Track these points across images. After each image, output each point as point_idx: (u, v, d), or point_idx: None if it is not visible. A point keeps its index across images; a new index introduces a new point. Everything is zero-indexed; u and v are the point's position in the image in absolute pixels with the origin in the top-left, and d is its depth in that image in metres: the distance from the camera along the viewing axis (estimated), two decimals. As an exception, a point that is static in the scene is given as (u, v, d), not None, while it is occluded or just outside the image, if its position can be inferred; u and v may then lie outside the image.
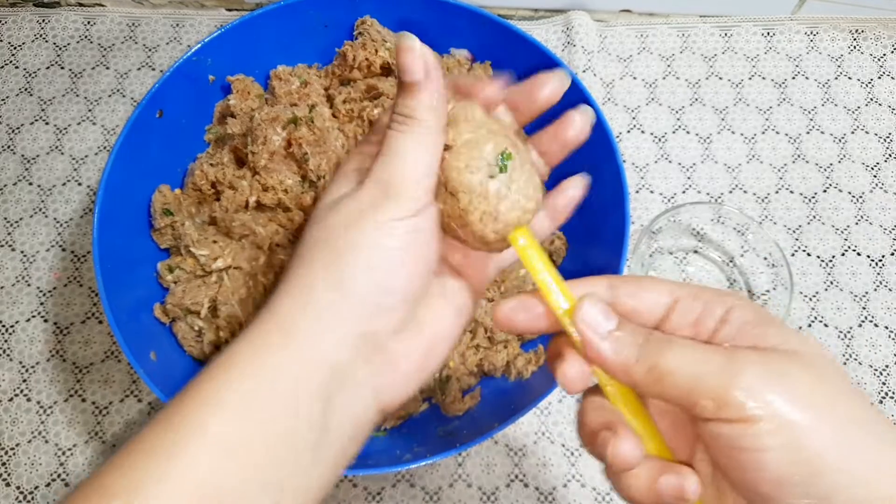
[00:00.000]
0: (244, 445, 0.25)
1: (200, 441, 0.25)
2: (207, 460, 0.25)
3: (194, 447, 0.25)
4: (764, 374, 0.24)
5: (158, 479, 0.24)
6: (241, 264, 0.50)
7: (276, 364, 0.26)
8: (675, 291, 0.28)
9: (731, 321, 0.26)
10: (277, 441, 0.26)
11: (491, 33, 0.54)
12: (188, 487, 0.24)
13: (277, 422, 0.26)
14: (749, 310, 0.26)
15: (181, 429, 0.25)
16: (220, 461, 0.25)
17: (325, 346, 0.27)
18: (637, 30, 0.67)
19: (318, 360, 0.27)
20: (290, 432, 0.26)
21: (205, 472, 0.24)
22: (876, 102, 0.64)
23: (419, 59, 0.27)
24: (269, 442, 0.26)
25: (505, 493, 0.52)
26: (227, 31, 0.52)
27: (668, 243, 0.59)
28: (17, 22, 0.67)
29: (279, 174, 0.51)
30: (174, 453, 0.24)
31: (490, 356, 0.51)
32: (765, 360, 0.24)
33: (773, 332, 0.25)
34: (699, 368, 0.25)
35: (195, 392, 0.26)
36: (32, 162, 0.62)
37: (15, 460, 0.53)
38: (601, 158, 0.50)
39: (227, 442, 0.25)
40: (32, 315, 0.57)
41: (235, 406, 0.26)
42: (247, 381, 0.26)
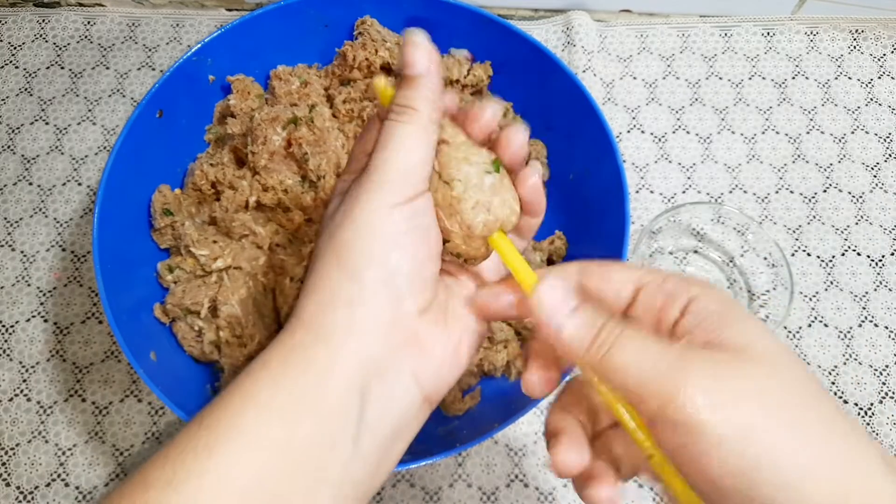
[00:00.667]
0: (281, 443, 0.25)
1: (239, 439, 0.25)
2: (247, 457, 0.25)
3: (233, 445, 0.25)
4: (709, 376, 0.24)
5: (199, 473, 0.24)
6: (241, 264, 0.50)
7: (308, 362, 0.26)
8: (641, 278, 0.28)
9: (691, 312, 0.26)
10: (314, 437, 0.26)
11: (491, 33, 0.54)
12: (227, 482, 0.24)
13: (314, 417, 0.26)
14: (711, 300, 0.26)
15: (219, 428, 0.25)
16: (259, 457, 0.25)
17: (353, 337, 0.27)
18: (637, 30, 0.67)
19: (349, 353, 0.27)
20: (327, 426, 0.26)
21: (244, 468, 0.25)
22: (876, 102, 0.64)
23: (424, 54, 0.28)
24: (306, 437, 0.26)
25: (505, 493, 0.52)
26: (227, 31, 0.52)
27: (668, 243, 0.59)
28: (17, 22, 0.67)
29: (279, 174, 0.51)
30: (214, 451, 0.25)
31: (490, 356, 0.51)
32: (712, 362, 0.24)
33: (731, 326, 0.25)
34: (647, 368, 0.25)
35: (229, 396, 0.26)
36: (32, 162, 0.62)
37: (15, 460, 0.53)
38: (601, 158, 0.50)
39: (264, 440, 0.25)
40: (32, 315, 0.57)
41: (270, 404, 0.26)
42: (280, 381, 0.26)
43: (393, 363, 0.27)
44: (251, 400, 0.26)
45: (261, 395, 0.26)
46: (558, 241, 0.55)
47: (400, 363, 0.28)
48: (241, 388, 0.27)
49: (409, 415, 0.28)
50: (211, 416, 0.26)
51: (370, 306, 0.27)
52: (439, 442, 0.47)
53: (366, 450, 0.27)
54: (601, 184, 0.51)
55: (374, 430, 0.27)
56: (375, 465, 0.27)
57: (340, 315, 0.27)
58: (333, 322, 0.27)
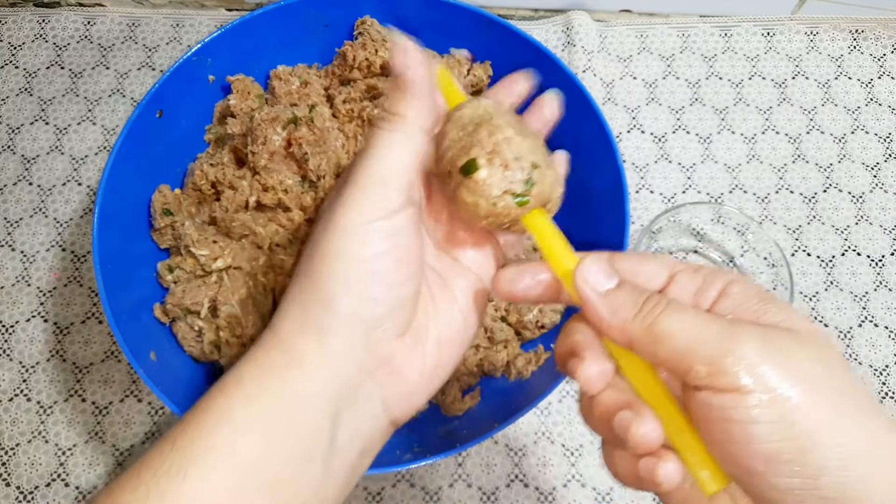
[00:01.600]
0: (255, 463, 0.25)
1: (212, 460, 0.25)
2: (221, 478, 0.25)
3: (207, 466, 0.25)
4: (761, 346, 0.23)
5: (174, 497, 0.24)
6: (241, 264, 0.50)
7: (282, 384, 0.26)
8: (675, 266, 0.28)
9: (731, 295, 0.26)
10: (288, 458, 0.26)
11: (491, 33, 0.54)
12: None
13: (287, 439, 0.26)
14: (750, 286, 0.26)
15: (192, 448, 0.25)
16: (231, 480, 0.25)
17: (327, 363, 0.27)
18: (637, 30, 0.67)
19: (323, 378, 0.27)
20: (300, 449, 0.26)
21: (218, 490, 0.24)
22: (876, 102, 0.64)
23: (413, 58, 0.28)
24: (279, 459, 0.26)
25: (505, 493, 0.52)
26: (227, 31, 0.52)
27: (668, 243, 0.59)
28: (17, 22, 0.67)
29: (279, 174, 0.51)
30: (188, 473, 0.24)
31: (490, 356, 0.51)
32: (763, 334, 0.24)
33: (775, 310, 0.25)
34: (696, 333, 0.24)
35: (202, 413, 0.26)
36: (32, 162, 0.62)
37: (15, 460, 0.53)
38: (601, 158, 0.50)
39: (238, 460, 0.25)
40: (32, 315, 0.57)
41: (244, 425, 0.26)
42: (255, 402, 0.26)
43: (364, 389, 0.27)
44: (225, 419, 0.26)
45: (235, 414, 0.26)
46: (558, 241, 0.55)
47: (371, 390, 0.28)
48: (214, 404, 0.26)
49: (375, 437, 0.28)
50: (184, 436, 0.25)
51: (343, 335, 0.27)
52: (439, 442, 0.47)
53: (336, 470, 0.27)
54: (601, 184, 0.50)
55: (344, 452, 0.27)
56: (343, 485, 0.28)
57: (313, 342, 0.27)
58: (306, 348, 0.27)
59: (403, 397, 0.29)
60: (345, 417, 0.27)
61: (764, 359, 0.23)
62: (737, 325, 0.24)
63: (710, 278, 0.27)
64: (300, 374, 0.27)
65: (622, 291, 0.26)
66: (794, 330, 0.24)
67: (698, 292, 0.27)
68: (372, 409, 0.28)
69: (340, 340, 0.27)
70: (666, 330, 0.25)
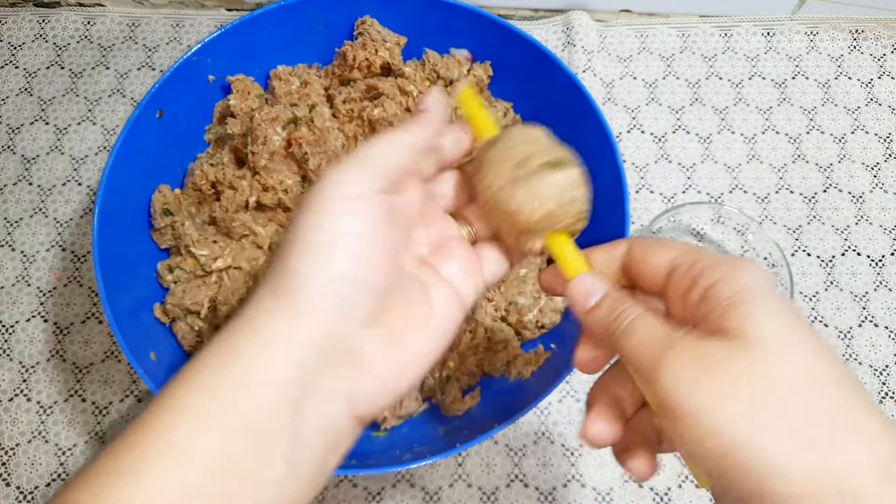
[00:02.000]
0: (215, 457, 0.24)
1: (171, 456, 0.24)
2: (179, 476, 0.23)
3: (164, 463, 0.24)
4: (688, 363, 0.24)
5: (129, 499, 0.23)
6: (241, 264, 0.50)
7: (246, 372, 0.26)
8: (676, 259, 0.28)
9: (707, 298, 0.26)
10: (248, 451, 0.25)
11: (491, 33, 0.54)
12: None
13: (246, 431, 0.25)
14: (728, 284, 0.25)
15: (147, 446, 0.24)
16: (193, 476, 0.24)
17: (287, 349, 0.26)
18: (637, 30, 0.67)
19: (283, 365, 0.26)
20: (260, 441, 0.25)
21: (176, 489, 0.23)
22: (876, 102, 0.64)
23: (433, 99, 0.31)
24: (239, 452, 0.25)
25: (505, 493, 0.52)
26: (227, 31, 0.52)
27: (668, 243, 0.59)
28: (17, 22, 0.67)
29: (279, 174, 0.51)
30: (143, 470, 0.23)
31: (490, 356, 0.51)
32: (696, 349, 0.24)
33: (738, 314, 0.25)
34: (641, 352, 0.26)
35: (163, 404, 0.25)
36: (32, 162, 0.62)
37: (15, 460, 0.53)
38: (601, 158, 0.50)
39: (195, 457, 0.24)
40: (32, 315, 0.57)
41: (205, 417, 0.25)
42: (212, 393, 0.25)
43: (327, 379, 0.26)
44: (184, 412, 0.25)
45: (190, 408, 0.25)
46: (558, 241, 0.55)
47: (334, 381, 0.27)
48: (172, 396, 0.25)
49: (341, 434, 0.27)
50: (141, 431, 0.25)
51: (307, 319, 0.26)
52: (439, 442, 0.47)
53: (300, 467, 0.26)
54: (601, 184, 0.50)
55: (308, 449, 0.26)
56: (309, 481, 0.27)
57: (280, 325, 0.26)
58: (273, 330, 0.26)
59: (368, 394, 0.28)
60: (307, 408, 0.26)
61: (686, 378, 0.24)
62: (671, 344, 0.25)
63: (698, 278, 0.27)
64: (264, 360, 0.26)
65: (600, 308, 0.29)
66: (742, 338, 0.24)
67: (686, 293, 0.27)
68: (336, 401, 0.27)
69: (308, 323, 0.26)
70: (624, 348, 0.27)
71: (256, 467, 0.25)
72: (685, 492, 0.52)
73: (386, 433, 0.50)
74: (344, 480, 0.52)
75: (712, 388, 0.23)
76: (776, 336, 0.24)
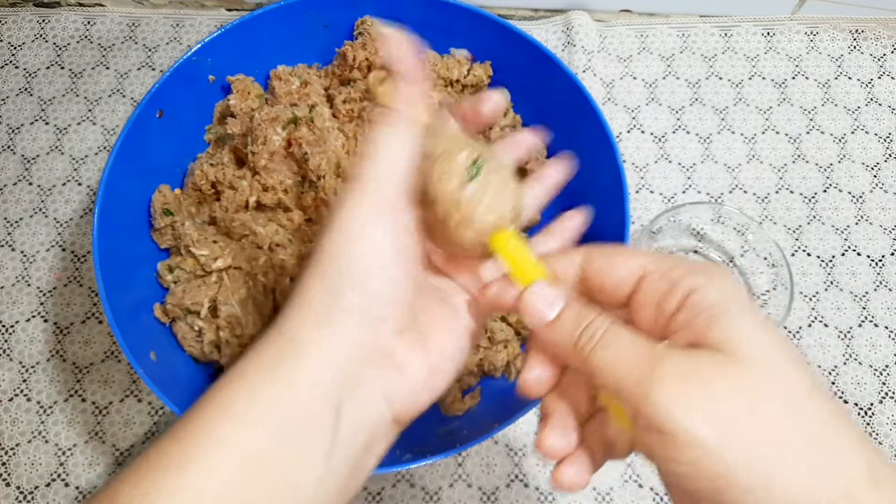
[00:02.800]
0: (256, 454, 0.25)
1: (213, 453, 0.25)
2: (221, 471, 0.24)
3: (207, 459, 0.24)
4: (680, 377, 0.23)
5: (172, 492, 0.24)
6: (241, 264, 0.50)
7: (285, 374, 0.26)
8: (645, 267, 0.27)
9: (686, 307, 0.25)
10: (289, 449, 0.26)
11: (491, 33, 0.54)
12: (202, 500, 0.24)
13: (288, 430, 0.26)
14: (710, 293, 0.24)
15: (192, 442, 0.25)
16: (236, 471, 0.24)
17: (329, 353, 0.27)
18: (637, 30, 0.67)
19: (325, 368, 0.27)
20: (302, 440, 0.26)
21: (219, 484, 0.24)
22: (876, 102, 0.64)
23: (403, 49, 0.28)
24: (280, 450, 0.25)
25: (505, 493, 0.52)
26: (227, 31, 0.52)
27: (668, 243, 0.59)
28: (17, 22, 0.67)
29: (279, 174, 0.51)
30: (187, 465, 0.24)
31: (490, 356, 0.51)
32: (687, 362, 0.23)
33: (720, 323, 0.24)
34: (623, 367, 0.24)
35: (204, 406, 0.26)
36: (32, 162, 0.62)
37: (15, 460, 0.53)
38: (601, 158, 0.50)
39: (240, 451, 0.25)
40: (32, 315, 0.57)
41: (247, 416, 0.26)
42: (257, 393, 0.26)
43: (365, 382, 0.27)
44: (227, 411, 0.26)
45: (237, 407, 0.26)
46: (558, 241, 0.55)
47: (372, 382, 0.28)
48: (216, 398, 0.26)
49: (378, 434, 0.28)
50: (184, 429, 0.25)
51: (347, 327, 0.27)
52: (439, 442, 0.47)
53: (338, 465, 0.27)
54: (601, 184, 0.50)
55: (346, 447, 0.27)
56: (346, 480, 0.27)
57: (317, 334, 0.27)
58: (310, 339, 0.27)
59: (406, 394, 0.28)
60: (347, 409, 0.27)
61: (681, 398, 0.23)
62: (657, 360, 0.24)
63: (675, 286, 0.25)
64: (303, 364, 0.27)
65: (562, 321, 0.27)
66: (727, 352, 0.23)
67: (661, 301, 0.26)
68: (375, 401, 0.28)
69: (344, 331, 0.27)
70: (597, 365, 0.25)
71: (297, 465, 0.26)
72: (685, 492, 0.52)
73: (386, 433, 0.50)
74: (344, 480, 0.52)
75: (710, 406, 0.22)
76: (765, 350, 0.23)
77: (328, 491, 0.26)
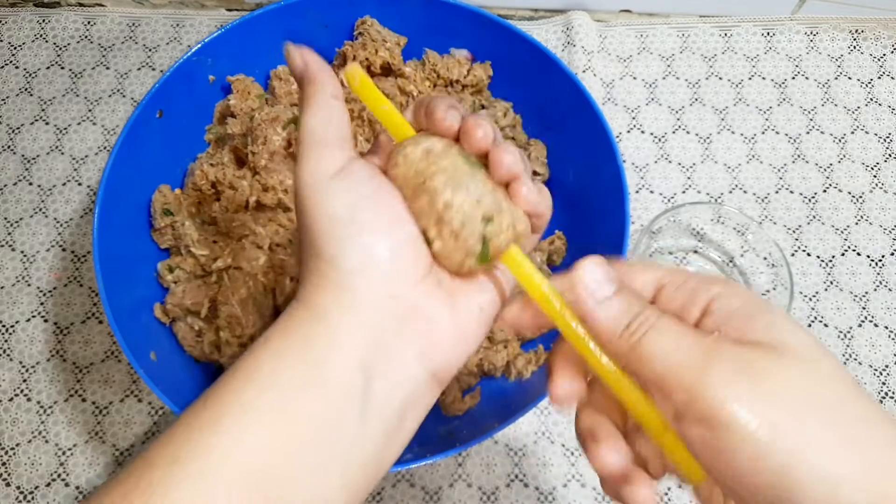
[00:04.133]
0: (286, 416, 0.25)
1: (243, 415, 0.25)
2: (251, 432, 0.24)
3: (237, 420, 0.25)
4: (739, 370, 0.23)
5: (204, 451, 0.24)
6: (241, 264, 0.50)
7: (308, 338, 0.26)
8: (662, 279, 0.27)
9: (713, 312, 0.25)
10: (319, 411, 0.25)
11: (491, 33, 0.54)
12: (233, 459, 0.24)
13: (317, 392, 0.26)
14: (735, 298, 0.25)
15: (222, 405, 0.25)
16: (264, 432, 0.25)
17: (348, 315, 0.27)
18: (637, 30, 0.67)
19: (346, 330, 0.26)
20: (331, 401, 0.26)
21: (250, 443, 0.24)
22: (876, 102, 0.64)
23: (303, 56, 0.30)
24: (311, 412, 0.25)
25: (505, 493, 0.52)
26: (227, 32, 0.52)
27: (668, 243, 0.59)
28: (17, 22, 0.67)
29: (279, 174, 0.51)
30: (218, 428, 0.24)
31: (490, 356, 0.51)
32: (743, 356, 0.23)
33: (761, 324, 0.24)
34: (677, 357, 0.24)
35: (232, 374, 0.26)
36: (32, 162, 0.62)
37: (15, 460, 0.53)
38: (601, 158, 0.50)
39: (269, 412, 0.25)
40: (32, 315, 0.57)
41: (273, 379, 0.26)
42: (282, 356, 0.26)
43: (395, 338, 0.27)
44: (253, 375, 0.26)
45: (262, 370, 0.26)
46: (558, 241, 0.55)
47: (402, 338, 0.27)
48: (243, 365, 0.26)
49: (416, 392, 0.27)
50: (214, 395, 0.26)
51: (357, 288, 0.27)
52: (439, 442, 0.47)
53: (372, 428, 0.26)
54: (601, 184, 0.51)
55: (380, 408, 0.26)
56: (383, 444, 0.27)
57: (331, 297, 0.27)
58: (327, 302, 0.27)
59: (439, 346, 0.28)
60: (378, 368, 0.26)
61: (739, 385, 0.22)
62: (713, 351, 0.23)
63: (694, 294, 0.26)
64: (325, 328, 0.26)
65: (616, 302, 0.26)
66: (777, 347, 0.23)
67: (682, 309, 0.26)
68: (408, 361, 0.27)
69: (357, 293, 0.27)
70: (648, 352, 0.24)
71: (327, 425, 0.25)
72: (685, 492, 0.52)
73: (386, 433, 0.50)
74: (344, 480, 0.52)
75: (771, 401, 0.22)
76: (806, 345, 0.24)
77: (362, 455, 0.26)
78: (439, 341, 0.28)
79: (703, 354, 0.23)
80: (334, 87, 0.29)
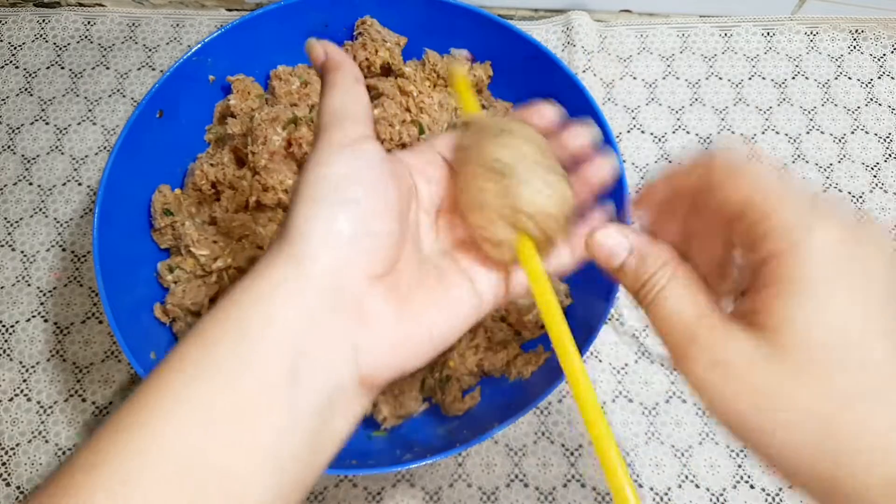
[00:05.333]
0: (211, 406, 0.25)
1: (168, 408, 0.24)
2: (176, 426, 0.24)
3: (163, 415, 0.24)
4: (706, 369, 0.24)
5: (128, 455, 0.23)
6: (242, 264, 0.50)
7: (242, 323, 0.26)
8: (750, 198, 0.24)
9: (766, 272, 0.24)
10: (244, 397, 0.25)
11: (491, 33, 0.54)
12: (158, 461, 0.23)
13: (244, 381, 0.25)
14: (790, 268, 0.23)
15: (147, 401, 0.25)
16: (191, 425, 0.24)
17: (291, 294, 0.26)
18: (637, 30, 0.67)
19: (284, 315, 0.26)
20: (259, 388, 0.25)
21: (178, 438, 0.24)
22: (876, 102, 0.64)
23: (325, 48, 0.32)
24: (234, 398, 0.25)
25: (505, 493, 0.52)
26: (227, 31, 0.52)
27: (668, 243, 0.59)
28: (17, 22, 0.67)
29: (279, 174, 0.51)
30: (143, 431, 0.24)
31: (490, 356, 0.51)
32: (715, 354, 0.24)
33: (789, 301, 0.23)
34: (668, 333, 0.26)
35: (166, 362, 0.26)
36: (32, 162, 0.62)
37: (15, 460, 0.53)
38: (601, 158, 0.50)
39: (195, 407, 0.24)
40: (32, 315, 0.57)
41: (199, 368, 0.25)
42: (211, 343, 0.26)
43: (332, 326, 0.26)
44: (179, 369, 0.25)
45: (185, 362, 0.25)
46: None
47: (339, 329, 0.27)
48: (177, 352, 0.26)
49: (345, 388, 0.27)
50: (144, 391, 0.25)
51: (313, 263, 0.27)
52: (439, 442, 0.47)
53: (301, 418, 0.26)
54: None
55: (308, 398, 0.26)
56: (312, 438, 0.26)
57: (281, 273, 0.27)
58: (274, 280, 0.27)
59: (373, 351, 0.27)
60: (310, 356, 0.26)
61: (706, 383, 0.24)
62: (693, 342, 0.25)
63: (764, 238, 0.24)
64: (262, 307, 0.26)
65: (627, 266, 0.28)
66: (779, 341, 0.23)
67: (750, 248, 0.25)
68: (340, 347, 0.27)
69: (312, 266, 0.26)
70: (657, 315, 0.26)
71: (254, 413, 0.25)
72: (685, 492, 0.52)
73: (386, 433, 0.50)
74: (344, 480, 0.52)
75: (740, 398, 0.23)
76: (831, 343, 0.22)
77: (292, 448, 0.25)
78: (376, 344, 0.27)
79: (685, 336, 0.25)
80: (356, 73, 0.31)
